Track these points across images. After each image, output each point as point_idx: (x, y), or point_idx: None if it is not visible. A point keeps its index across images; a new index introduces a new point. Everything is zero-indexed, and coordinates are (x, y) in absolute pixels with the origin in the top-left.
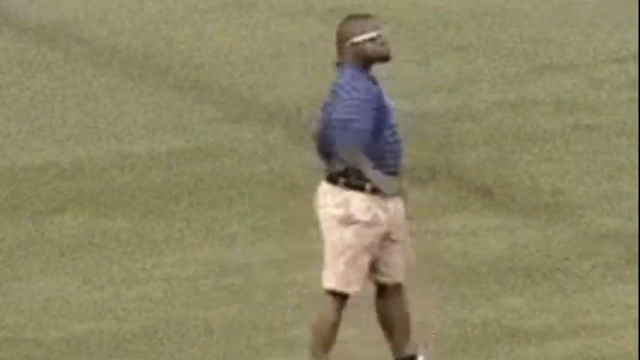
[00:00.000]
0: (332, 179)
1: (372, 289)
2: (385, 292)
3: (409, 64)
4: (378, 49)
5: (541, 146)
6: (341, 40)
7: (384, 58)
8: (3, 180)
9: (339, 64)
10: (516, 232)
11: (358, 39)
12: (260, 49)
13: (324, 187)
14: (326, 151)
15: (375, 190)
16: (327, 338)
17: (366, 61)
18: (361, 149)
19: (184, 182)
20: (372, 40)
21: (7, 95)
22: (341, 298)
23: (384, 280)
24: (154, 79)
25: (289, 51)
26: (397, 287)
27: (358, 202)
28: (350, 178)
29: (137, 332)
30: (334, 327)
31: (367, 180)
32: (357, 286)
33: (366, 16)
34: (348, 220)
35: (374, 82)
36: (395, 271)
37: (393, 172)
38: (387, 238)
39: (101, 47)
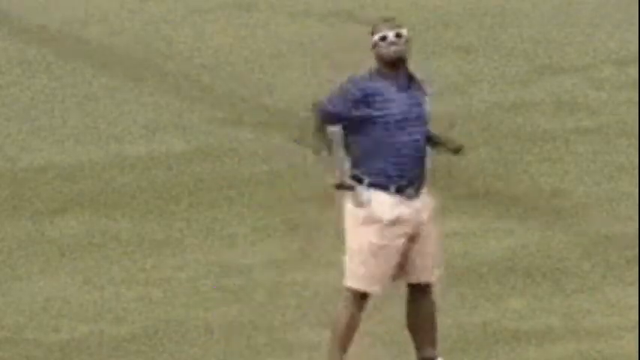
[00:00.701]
0: (357, 178)
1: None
2: (414, 292)
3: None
4: (384, 50)
5: (541, 147)
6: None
7: (391, 59)
8: (3, 180)
9: None
10: (516, 232)
11: (373, 40)
12: (260, 49)
13: (351, 186)
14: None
15: (399, 190)
16: (342, 337)
17: (381, 62)
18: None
19: (184, 182)
20: (382, 40)
21: (7, 95)
22: (360, 297)
23: (412, 280)
24: (154, 80)
25: (289, 51)
26: (426, 287)
27: (381, 201)
28: (372, 177)
29: (137, 332)
30: (351, 326)
31: (392, 179)
32: (377, 286)
33: (387, 19)
34: (369, 220)
35: (398, 83)
36: (422, 272)
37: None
38: (413, 240)
39: (101, 47)
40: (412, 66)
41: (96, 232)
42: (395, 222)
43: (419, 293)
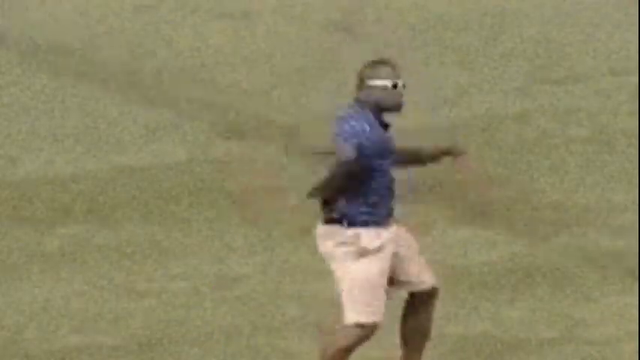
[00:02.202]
0: (332, 221)
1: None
2: (419, 298)
3: (410, 66)
4: (393, 99)
5: (540, 153)
6: (361, 79)
7: (394, 108)
8: (3, 181)
9: (356, 99)
10: (516, 240)
11: (375, 83)
12: (260, 49)
13: (324, 229)
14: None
15: (376, 224)
16: None
17: (377, 106)
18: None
19: (184, 185)
20: (393, 87)
21: (7, 95)
22: (367, 329)
23: (423, 287)
24: (154, 81)
25: (289, 52)
26: (431, 293)
27: (366, 234)
28: (350, 217)
29: (137, 335)
30: (347, 356)
31: (369, 215)
32: (380, 314)
33: (387, 63)
34: (361, 253)
35: (382, 126)
36: (426, 276)
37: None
38: (396, 257)
39: (101, 47)
40: (412, 67)
41: (96, 234)
42: (382, 247)
43: (424, 298)
